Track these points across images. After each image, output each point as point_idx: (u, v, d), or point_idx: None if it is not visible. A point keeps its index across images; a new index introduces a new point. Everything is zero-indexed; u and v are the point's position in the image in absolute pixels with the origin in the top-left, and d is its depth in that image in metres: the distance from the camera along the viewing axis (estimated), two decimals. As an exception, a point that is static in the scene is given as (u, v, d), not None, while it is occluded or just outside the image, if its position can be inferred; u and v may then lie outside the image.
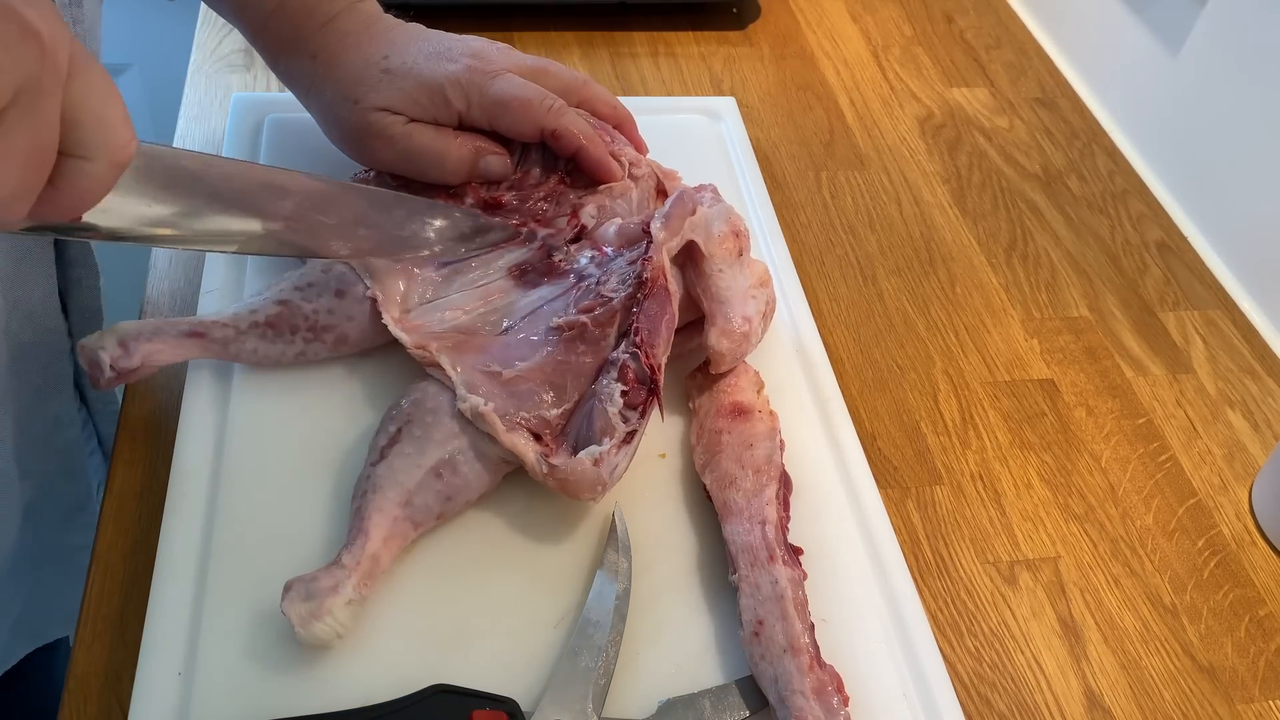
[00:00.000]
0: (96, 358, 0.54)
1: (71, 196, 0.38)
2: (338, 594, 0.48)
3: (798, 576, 0.52)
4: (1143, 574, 0.61)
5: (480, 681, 0.49)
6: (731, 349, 0.58)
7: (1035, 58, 1.00)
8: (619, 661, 0.50)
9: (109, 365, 0.54)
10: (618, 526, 0.54)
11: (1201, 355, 0.75)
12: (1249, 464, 0.68)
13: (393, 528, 0.51)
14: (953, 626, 0.58)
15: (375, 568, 0.50)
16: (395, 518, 0.51)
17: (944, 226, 0.82)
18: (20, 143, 0.35)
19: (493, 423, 0.52)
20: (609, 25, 0.96)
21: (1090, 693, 0.56)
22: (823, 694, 0.47)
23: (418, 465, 0.52)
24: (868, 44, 0.99)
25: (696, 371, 0.62)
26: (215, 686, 0.48)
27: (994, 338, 0.74)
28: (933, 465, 0.65)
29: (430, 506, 0.52)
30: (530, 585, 0.53)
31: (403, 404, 0.55)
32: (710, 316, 0.58)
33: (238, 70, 0.86)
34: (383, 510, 0.51)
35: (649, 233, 0.57)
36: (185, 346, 0.56)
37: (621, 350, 0.54)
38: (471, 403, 0.53)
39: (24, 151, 0.35)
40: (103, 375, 0.55)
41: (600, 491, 0.52)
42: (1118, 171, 0.89)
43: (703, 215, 0.59)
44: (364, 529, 0.50)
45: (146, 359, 0.55)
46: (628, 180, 0.65)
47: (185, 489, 0.54)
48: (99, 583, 0.54)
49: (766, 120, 0.89)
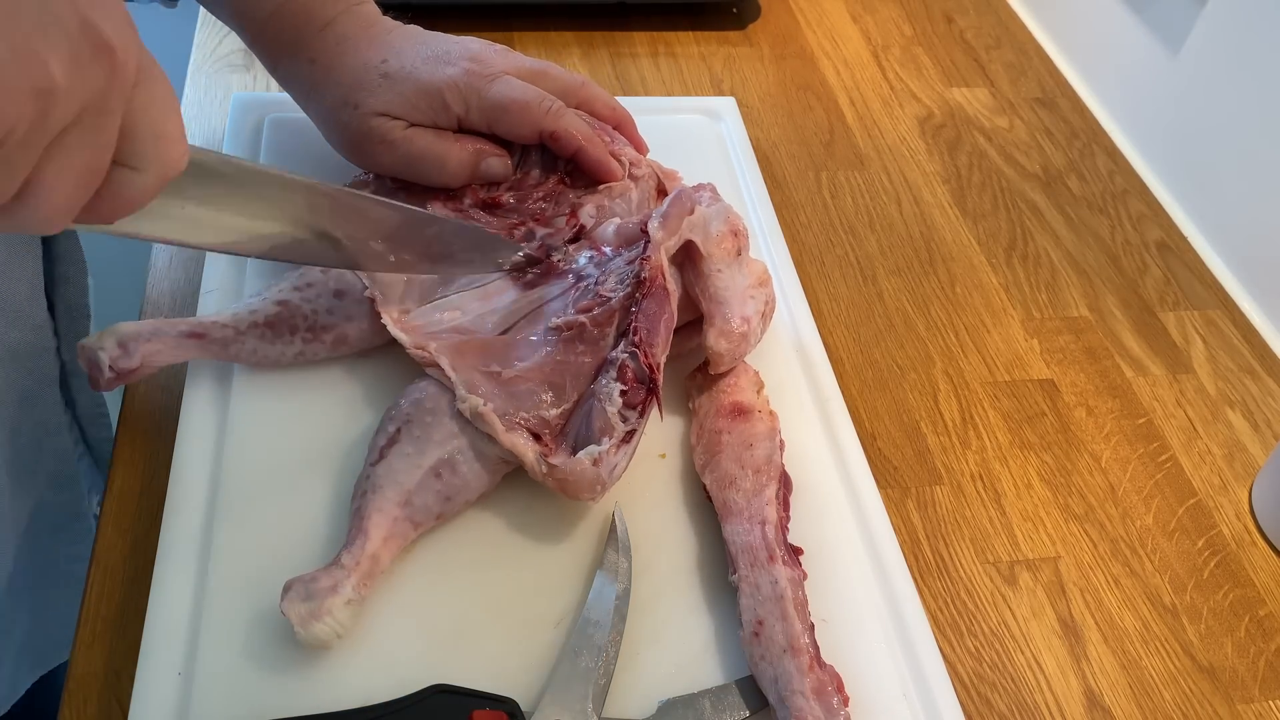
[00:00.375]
0: (96, 358, 0.54)
1: (114, 205, 0.37)
2: (337, 594, 0.48)
3: (798, 577, 0.52)
4: (1143, 574, 0.61)
5: (480, 681, 0.49)
6: (730, 349, 0.58)
7: (1035, 58, 1.00)
8: (619, 661, 0.50)
9: (108, 366, 0.54)
10: (618, 527, 0.54)
11: (1201, 355, 0.75)
12: (1249, 464, 0.68)
13: (392, 528, 0.51)
14: (953, 626, 0.58)
15: (375, 568, 0.50)
16: (395, 518, 0.51)
17: (944, 226, 0.82)
18: (78, 161, 0.34)
19: (492, 423, 0.52)
20: (609, 25, 0.96)
21: (1090, 693, 0.56)
22: (823, 694, 0.47)
23: (417, 465, 0.52)
24: (868, 44, 0.99)
25: (696, 371, 0.62)
26: (215, 686, 0.48)
27: (994, 338, 0.74)
28: (933, 465, 0.65)
29: (430, 506, 0.52)
30: (530, 585, 0.53)
31: (402, 404, 0.55)
32: (709, 317, 0.58)
33: (238, 70, 0.86)
34: (382, 510, 0.51)
35: (647, 232, 0.57)
36: (185, 347, 0.56)
37: (620, 350, 0.54)
38: (471, 403, 0.53)
39: (80, 168, 0.34)
40: (102, 376, 0.55)
41: (600, 491, 0.52)
42: (1118, 171, 0.89)
43: (701, 215, 0.59)
44: (363, 529, 0.50)
45: (146, 359, 0.55)
46: (627, 180, 0.65)
47: (185, 489, 0.54)
48: (99, 583, 0.54)
49: (766, 120, 0.89)
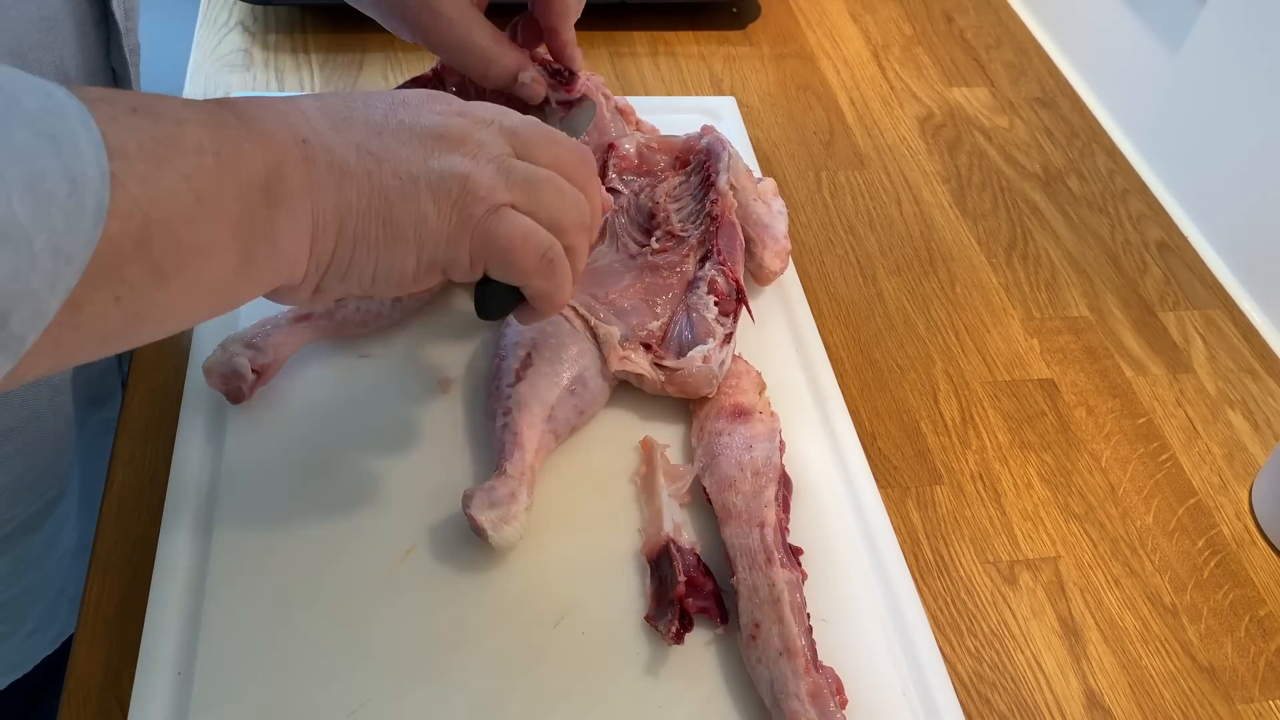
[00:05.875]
0: (235, 365, 0.56)
1: None
2: (517, 501, 0.53)
3: (796, 579, 0.52)
4: (1143, 574, 0.61)
5: (480, 681, 0.49)
6: (781, 266, 0.68)
7: (1035, 57, 1.00)
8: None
9: (250, 369, 0.56)
10: None
11: (1201, 355, 0.75)
12: (1249, 464, 0.68)
13: (541, 440, 0.56)
14: (953, 626, 0.58)
15: (532, 476, 0.55)
16: (542, 431, 0.56)
17: (944, 226, 0.82)
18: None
19: (620, 346, 0.60)
20: (609, 25, 0.96)
21: (1090, 693, 0.56)
22: (819, 697, 0.47)
23: (555, 383, 0.58)
24: (868, 44, 0.99)
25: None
26: (215, 686, 0.48)
27: (994, 337, 0.74)
28: (933, 465, 0.65)
29: (568, 419, 0.58)
30: (530, 585, 0.53)
31: (520, 333, 0.59)
32: (757, 242, 0.67)
33: (238, 70, 0.86)
34: (531, 425, 0.56)
35: (714, 182, 0.66)
36: (299, 332, 0.59)
37: (709, 268, 0.63)
38: (607, 331, 0.60)
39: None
40: (245, 382, 0.56)
41: (714, 386, 0.59)
42: (1118, 171, 0.89)
43: (729, 157, 0.68)
44: (519, 443, 0.55)
45: (277, 352, 0.58)
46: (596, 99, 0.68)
47: (185, 489, 0.55)
48: (99, 583, 0.54)
49: (766, 120, 0.89)
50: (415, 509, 0.55)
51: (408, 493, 0.56)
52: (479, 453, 0.58)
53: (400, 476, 0.57)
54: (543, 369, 0.58)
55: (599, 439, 0.60)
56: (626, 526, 0.56)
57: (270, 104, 0.42)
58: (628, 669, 0.50)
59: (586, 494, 0.57)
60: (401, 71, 0.87)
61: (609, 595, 0.53)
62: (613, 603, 0.53)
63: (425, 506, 0.55)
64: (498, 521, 0.52)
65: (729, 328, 0.61)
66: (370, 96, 0.46)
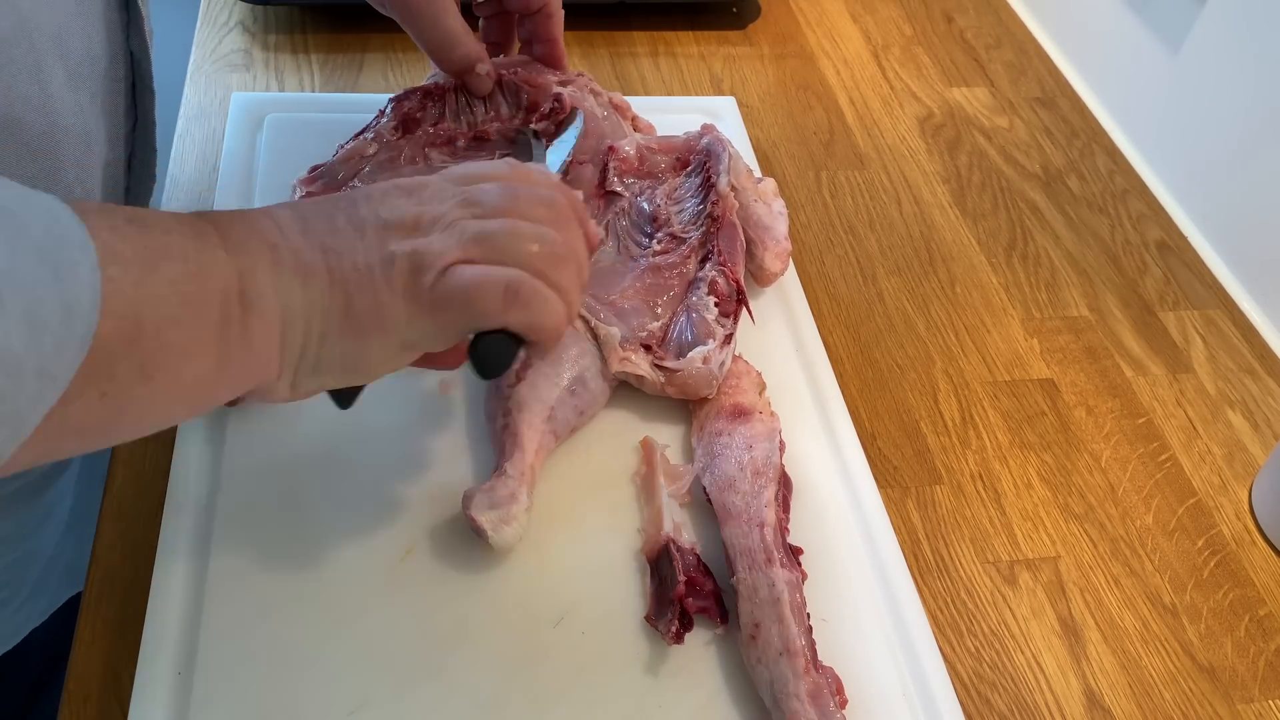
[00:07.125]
0: None
1: None
2: (517, 501, 0.53)
3: (796, 579, 0.52)
4: (1143, 574, 0.61)
5: (480, 681, 0.49)
6: (782, 267, 0.68)
7: (1035, 58, 1.00)
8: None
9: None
10: None
11: (1201, 355, 0.75)
12: (1249, 464, 0.68)
13: (541, 440, 0.56)
14: (953, 626, 0.58)
15: (532, 476, 0.55)
16: (542, 431, 0.56)
17: (944, 226, 0.82)
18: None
19: (620, 347, 0.60)
20: (609, 25, 0.96)
21: (1090, 692, 0.56)
22: (819, 697, 0.47)
23: (556, 384, 0.58)
24: (868, 44, 0.99)
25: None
26: (215, 686, 0.48)
27: (994, 337, 0.74)
28: (933, 465, 0.65)
29: (568, 419, 0.58)
30: (530, 585, 0.53)
31: None
32: (758, 243, 0.67)
33: (238, 70, 0.85)
34: (531, 425, 0.56)
35: (715, 183, 0.66)
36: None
37: (709, 269, 0.63)
38: (608, 334, 0.60)
39: None
40: None
41: (714, 386, 0.59)
42: (1118, 171, 0.89)
43: (729, 158, 0.68)
44: (519, 443, 0.55)
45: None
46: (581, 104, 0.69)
47: (185, 489, 0.55)
48: (99, 583, 0.54)
49: (766, 120, 0.89)
50: (415, 509, 0.55)
51: (408, 493, 0.56)
52: (479, 453, 0.58)
53: (400, 476, 0.57)
54: (543, 369, 0.58)
55: (599, 439, 0.60)
56: (626, 526, 0.56)
57: (243, 215, 0.44)
58: (628, 669, 0.50)
59: (586, 494, 0.57)
60: (402, 71, 0.87)
61: (609, 595, 0.53)
62: (613, 603, 0.53)
63: (425, 506, 0.55)
64: (498, 522, 0.52)
65: (729, 328, 0.62)
66: (342, 196, 0.47)
